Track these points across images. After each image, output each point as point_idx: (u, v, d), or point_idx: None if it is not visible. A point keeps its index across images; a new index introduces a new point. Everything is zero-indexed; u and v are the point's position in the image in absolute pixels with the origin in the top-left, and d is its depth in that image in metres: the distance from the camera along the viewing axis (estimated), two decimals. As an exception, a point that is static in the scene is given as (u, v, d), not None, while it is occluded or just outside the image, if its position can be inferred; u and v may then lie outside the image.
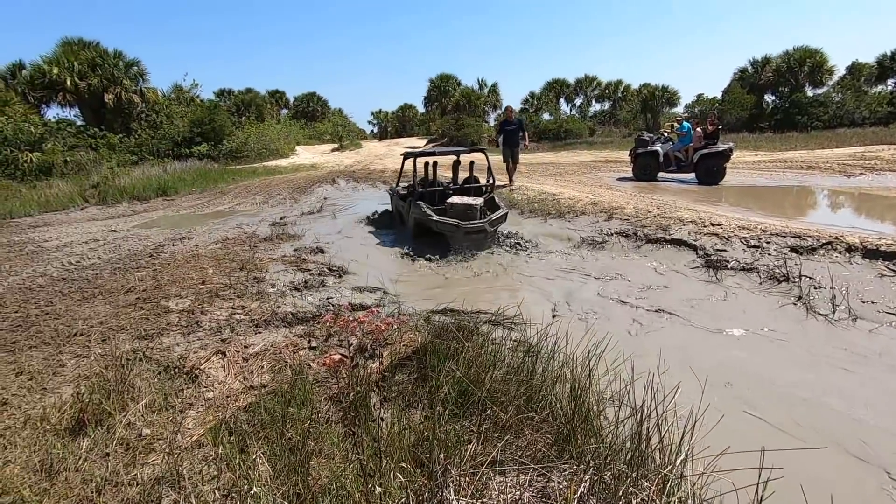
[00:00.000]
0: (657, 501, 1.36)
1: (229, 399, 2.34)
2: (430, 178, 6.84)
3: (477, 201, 5.62)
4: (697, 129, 9.96)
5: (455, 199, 5.74)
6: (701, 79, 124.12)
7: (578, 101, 36.85)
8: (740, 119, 26.16)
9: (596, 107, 37.12)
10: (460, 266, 4.96)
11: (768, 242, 4.56)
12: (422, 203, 5.71)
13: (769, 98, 28.66)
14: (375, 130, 54.64)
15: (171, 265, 4.98)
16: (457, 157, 7.03)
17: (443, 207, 5.67)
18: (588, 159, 16.99)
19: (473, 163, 6.88)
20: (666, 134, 10.78)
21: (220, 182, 13.94)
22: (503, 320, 3.23)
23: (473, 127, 28.01)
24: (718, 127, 9.89)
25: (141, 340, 3.07)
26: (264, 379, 2.54)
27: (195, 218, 8.47)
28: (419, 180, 6.25)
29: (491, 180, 6.40)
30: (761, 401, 2.40)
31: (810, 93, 26.90)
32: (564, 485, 1.53)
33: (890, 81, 27.48)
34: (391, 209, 7.36)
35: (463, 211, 5.44)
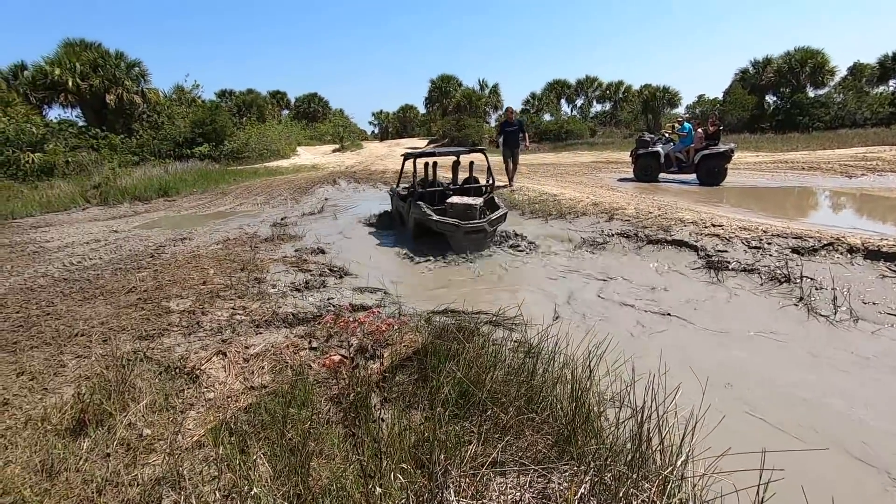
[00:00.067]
0: (658, 503, 1.36)
1: (230, 399, 2.34)
2: (430, 178, 6.85)
3: (476, 201, 5.63)
4: (698, 130, 9.95)
5: (455, 199, 5.76)
6: (702, 79, 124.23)
7: (579, 102, 36.98)
8: (741, 120, 26.15)
9: (597, 107, 37.25)
10: (461, 267, 4.97)
11: (769, 243, 4.56)
12: (422, 203, 5.72)
13: (770, 99, 28.65)
14: (376, 131, 54.80)
15: (172, 266, 4.99)
16: (456, 157, 7.04)
17: (443, 207, 5.68)
18: (589, 160, 16.98)
19: (473, 163, 6.89)
20: (667, 135, 10.77)
21: (221, 183, 13.95)
22: (504, 321, 3.23)
23: (474, 128, 28.05)
24: (719, 128, 9.88)
25: (142, 341, 3.07)
26: (265, 379, 2.54)
27: (196, 218, 8.48)
28: (419, 181, 6.26)
29: (490, 181, 6.41)
30: (762, 402, 2.40)
31: (812, 94, 26.90)
32: (565, 486, 1.53)
33: (891, 82, 27.49)
34: (392, 210, 7.37)
35: (462, 211, 5.44)
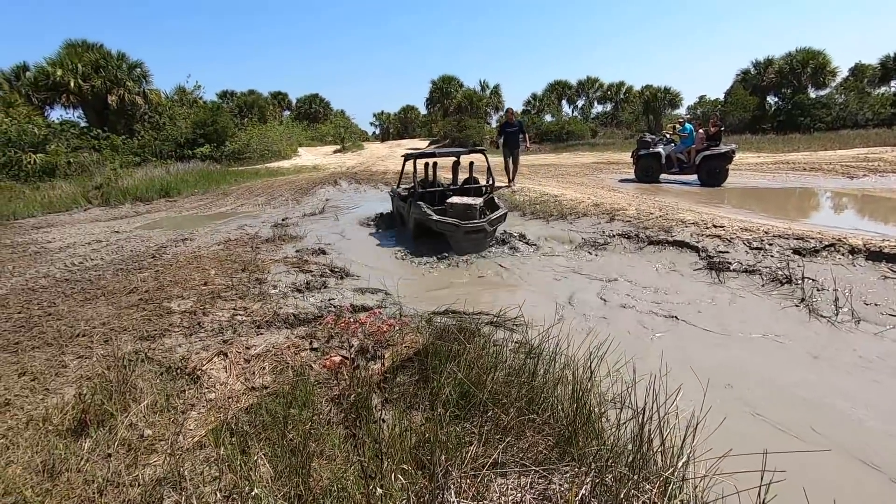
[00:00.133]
0: (659, 504, 1.35)
1: (231, 400, 2.34)
2: (431, 178, 6.87)
3: (476, 201, 5.65)
4: (700, 131, 9.95)
5: (455, 199, 5.77)
6: (703, 80, 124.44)
7: (580, 103, 36.96)
8: (743, 120, 26.12)
9: (598, 108, 37.24)
10: (462, 267, 4.97)
11: (771, 244, 4.55)
12: (422, 203, 5.74)
13: (772, 99, 28.61)
14: (377, 132, 54.84)
15: (173, 266, 4.99)
16: (456, 158, 7.05)
17: (443, 208, 5.70)
18: (590, 161, 16.97)
19: (473, 164, 6.90)
20: (668, 135, 10.77)
21: (222, 183, 13.98)
22: (505, 322, 3.22)
23: (475, 128, 28.06)
24: (721, 128, 9.87)
25: (143, 341, 3.08)
26: (266, 380, 2.54)
27: (197, 219, 8.49)
28: (419, 181, 6.28)
29: (490, 181, 6.42)
30: (764, 403, 2.39)
31: (813, 94, 26.85)
32: (566, 487, 1.53)
33: (893, 83, 27.45)
34: (392, 210, 7.37)
35: (462, 210, 5.45)
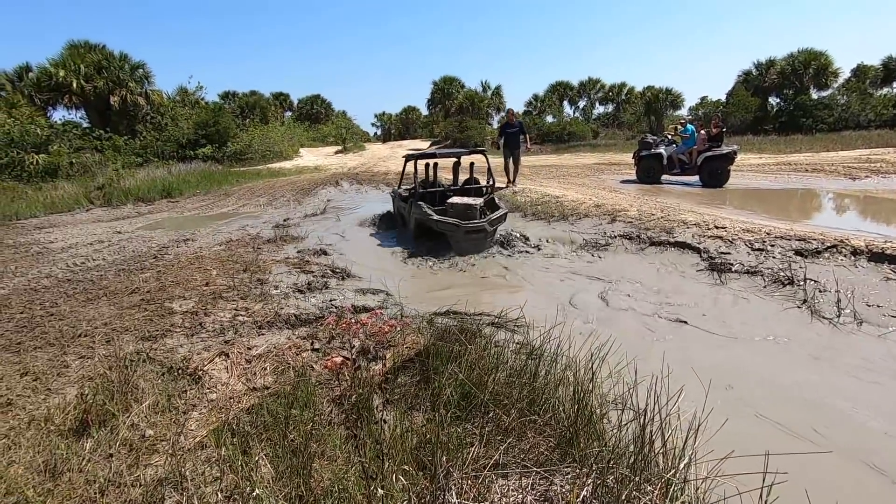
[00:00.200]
0: (660, 506, 1.35)
1: (232, 400, 2.34)
2: (431, 179, 6.88)
3: (476, 201, 5.67)
4: (701, 132, 9.93)
5: (455, 199, 5.79)
6: (705, 81, 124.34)
7: (582, 104, 36.95)
8: (744, 121, 26.07)
9: (599, 109, 37.22)
10: (463, 268, 4.97)
11: (773, 245, 4.54)
12: (422, 203, 5.75)
13: (774, 100, 28.57)
14: (379, 132, 54.92)
15: (175, 267, 5.00)
16: (457, 158, 7.06)
17: (443, 208, 5.71)
18: (591, 162, 16.96)
19: (473, 164, 6.91)
20: (670, 136, 10.74)
21: (224, 184, 13.99)
22: (506, 323, 3.22)
23: (477, 129, 28.06)
24: (722, 129, 9.85)
25: (145, 342, 3.08)
26: (267, 381, 2.54)
27: (199, 220, 8.51)
28: (420, 181, 6.29)
29: (491, 181, 6.43)
30: (765, 404, 2.39)
31: (815, 95, 26.82)
32: (567, 488, 1.53)
33: (895, 84, 27.39)
34: (393, 211, 7.38)
35: (463, 210, 5.47)
